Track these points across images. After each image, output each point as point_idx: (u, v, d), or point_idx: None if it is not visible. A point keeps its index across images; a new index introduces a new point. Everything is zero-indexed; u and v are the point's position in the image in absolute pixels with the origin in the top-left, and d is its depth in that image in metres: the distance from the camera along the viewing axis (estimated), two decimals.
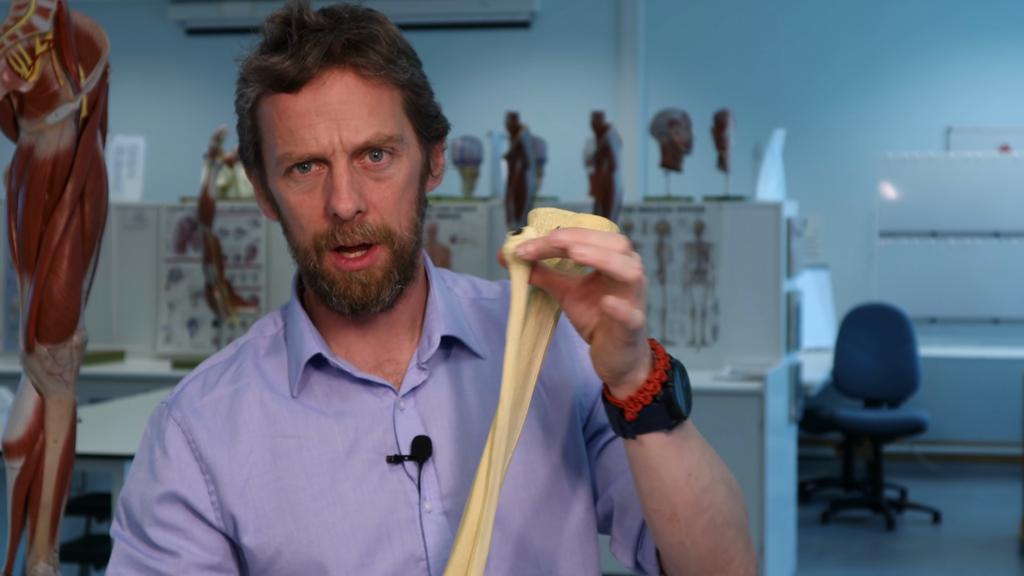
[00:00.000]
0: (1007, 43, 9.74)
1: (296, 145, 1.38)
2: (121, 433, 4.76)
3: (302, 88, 1.38)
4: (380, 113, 1.39)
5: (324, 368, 1.46)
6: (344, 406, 1.45)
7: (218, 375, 1.48)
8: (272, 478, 1.42)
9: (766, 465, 5.60)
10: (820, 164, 9.83)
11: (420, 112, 1.44)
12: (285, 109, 1.39)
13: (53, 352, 2.02)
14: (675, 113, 6.61)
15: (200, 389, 1.47)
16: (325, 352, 1.44)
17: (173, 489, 1.43)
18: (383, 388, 1.45)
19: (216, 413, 1.45)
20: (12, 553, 2.06)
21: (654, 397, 1.29)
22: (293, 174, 1.39)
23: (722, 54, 10.02)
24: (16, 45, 1.91)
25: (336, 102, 1.38)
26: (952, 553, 7.02)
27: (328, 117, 1.37)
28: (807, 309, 8.16)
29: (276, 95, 1.39)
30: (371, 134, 1.38)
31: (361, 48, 1.38)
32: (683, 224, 6.36)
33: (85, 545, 4.85)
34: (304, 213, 1.40)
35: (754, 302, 6.25)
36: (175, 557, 1.42)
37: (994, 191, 9.46)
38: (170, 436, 1.45)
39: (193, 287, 6.77)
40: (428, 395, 1.46)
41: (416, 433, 1.43)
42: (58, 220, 1.97)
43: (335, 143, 1.38)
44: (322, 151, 1.38)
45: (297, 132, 1.38)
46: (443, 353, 1.48)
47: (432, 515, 1.42)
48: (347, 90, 1.38)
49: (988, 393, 9.25)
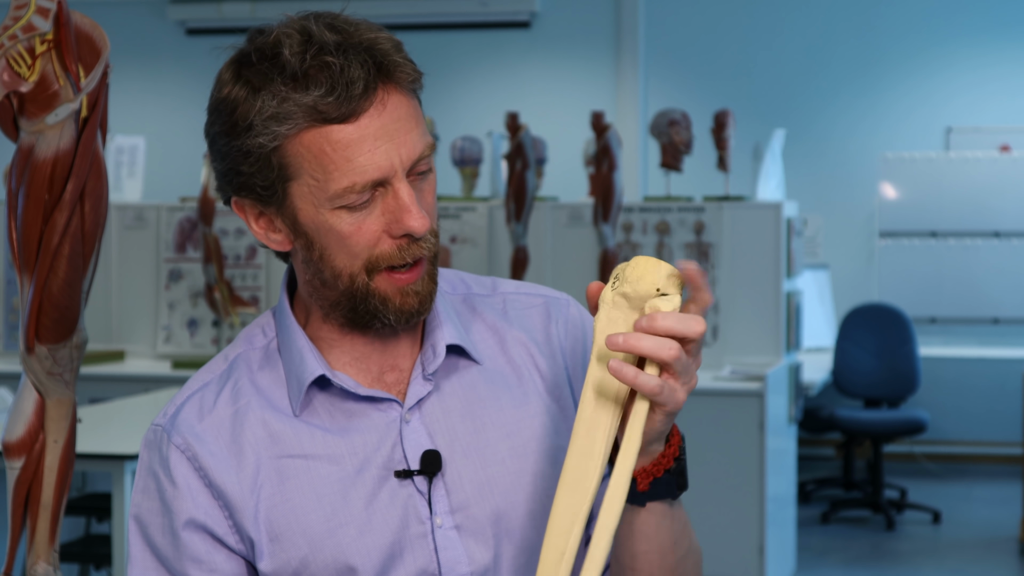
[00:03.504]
0: (1007, 43, 9.73)
1: (358, 175, 1.33)
2: (121, 433, 4.76)
3: (359, 117, 1.33)
4: (421, 123, 1.38)
5: (327, 388, 1.42)
6: (349, 423, 1.42)
7: (215, 395, 1.43)
8: (281, 499, 1.39)
9: (766, 465, 5.60)
10: (820, 164, 9.83)
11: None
12: (340, 141, 1.32)
13: (53, 352, 2.02)
14: (675, 113, 6.61)
15: (198, 412, 1.42)
16: (328, 373, 1.41)
17: (191, 517, 1.39)
18: (387, 402, 1.42)
19: (219, 437, 1.41)
20: (12, 553, 2.06)
21: (667, 470, 1.32)
22: (351, 204, 1.34)
23: (722, 54, 10.02)
24: (16, 45, 1.90)
25: (391, 121, 1.34)
26: (952, 553, 7.01)
27: (387, 139, 1.33)
28: (807, 309, 8.16)
29: (326, 128, 1.33)
30: (423, 146, 1.37)
31: (395, 61, 1.36)
32: (683, 224, 6.36)
33: (85, 545, 4.84)
34: (360, 240, 1.35)
35: (754, 302, 6.25)
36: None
37: (994, 191, 9.46)
38: (175, 464, 1.40)
39: (193, 287, 6.77)
40: (434, 406, 1.43)
41: (424, 447, 1.41)
42: (58, 220, 1.97)
43: (395, 163, 1.34)
44: (384, 175, 1.34)
45: (356, 161, 1.33)
46: (447, 363, 1.45)
47: (443, 530, 1.40)
48: (396, 107, 1.35)
49: (988, 393, 9.24)
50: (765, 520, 5.59)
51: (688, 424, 3.82)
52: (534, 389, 1.47)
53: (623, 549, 1.37)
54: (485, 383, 1.46)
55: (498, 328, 1.49)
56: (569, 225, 6.47)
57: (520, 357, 1.48)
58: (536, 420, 1.45)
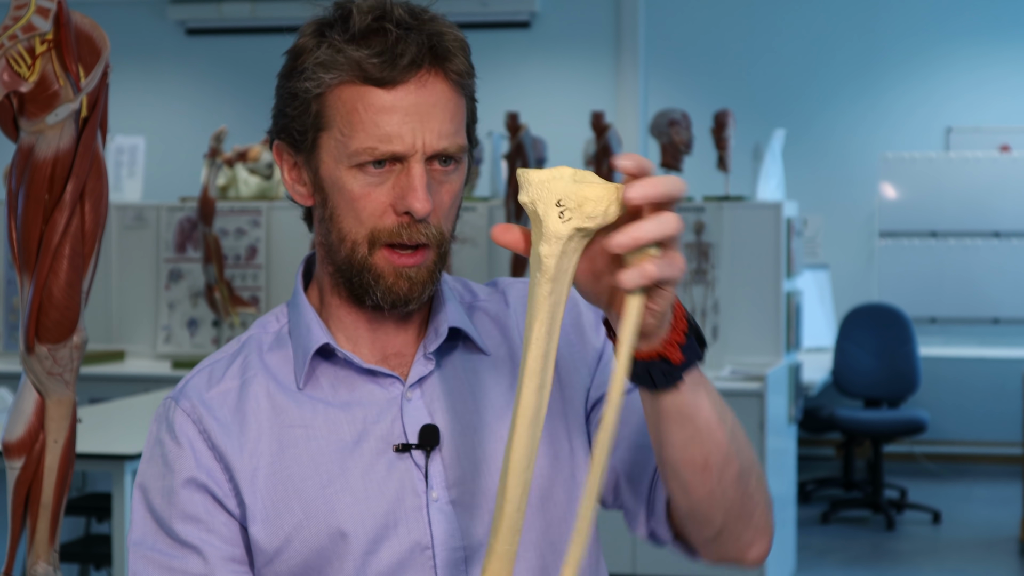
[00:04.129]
0: (1007, 43, 9.74)
1: (380, 141, 1.38)
2: (121, 433, 4.76)
3: (396, 86, 1.38)
4: (458, 121, 1.41)
5: (331, 359, 1.46)
6: (351, 396, 1.45)
7: (224, 369, 1.48)
8: (280, 467, 1.42)
9: (766, 465, 5.60)
10: (820, 164, 9.83)
11: (472, 120, 1.46)
12: (373, 103, 1.38)
13: (53, 352, 2.02)
14: (675, 113, 6.61)
15: (207, 382, 1.47)
16: (332, 343, 1.45)
17: (192, 475, 1.42)
18: (390, 379, 1.45)
19: (224, 405, 1.45)
20: (12, 553, 2.06)
21: (685, 333, 1.26)
22: (366, 168, 1.39)
23: (722, 54, 10.02)
24: (16, 45, 1.90)
25: (426, 104, 1.39)
26: (952, 553, 7.01)
27: (416, 118, 1.38)
28: (807, 309, 8.16)
29: (365, 87, 1.39)
30: (450, 141, 1.40)
31: (452, 52, 1.41)
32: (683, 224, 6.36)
33: (85, 545, 4.85)
34: (367, 206, 1.40)
35: (754, 302, 6.25)
36: (199, 554, 1.41)
37: (994, 191, 9.46)
38: (180, 426, 1.44)
39: (193, 287, 6.77)
40: (435, 385, 1.46)
41: (423, 422, 1.44)
42: (58, 220, 1.97)
43: (418, 145, 1.38)
44: (405, 151, 1.38)
45: (383, 128, 1.38)
46: (450, 346, 1.48)
47: (439, 504, 1.42)
48: (437, 93, 1.40)
49: (988, 393, 9.24)
50: None
51: None
52: None
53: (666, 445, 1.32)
54: (488, 369, 1.49)
55: (500, 318, 1.53)
56: None
57: (520, 340, 1.51)
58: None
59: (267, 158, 6.92)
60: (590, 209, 1.17)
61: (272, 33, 10.62)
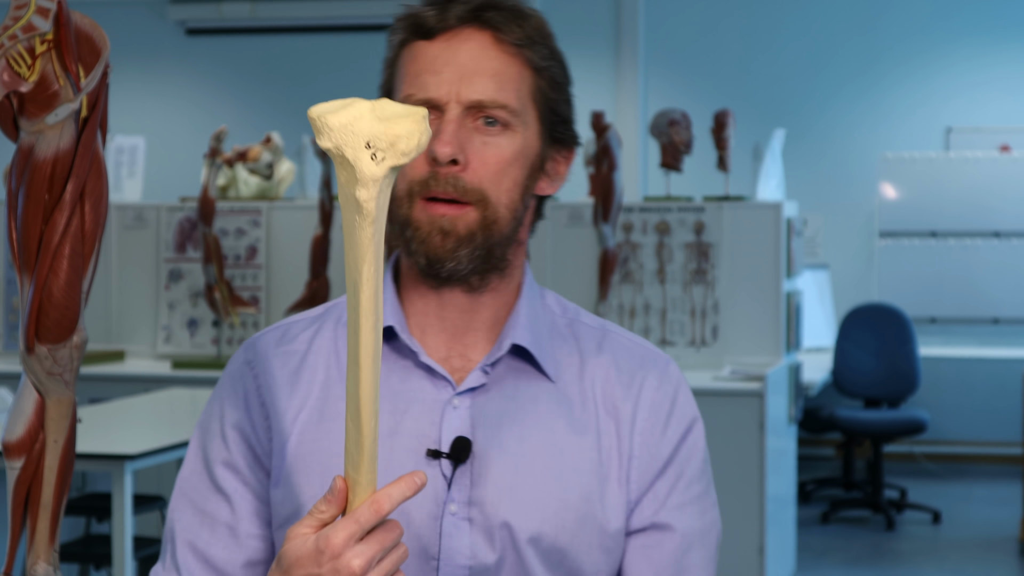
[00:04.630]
0: (1007, 43, 9.73)
1: (417, 88, 1.40)
2: (121, 433, 4.77)
3: (438, 36, 1.41)
4: (503, 80, 1.41)
5: (394, 343, 1.44)
6: (401, 387, 1.43)
7: (299, 331, 1.49)
8: (314, 436, 1.43)
9: (766, 465, 5.60)
10: (820, 164, 9.83)
11: (549, 106, 1.45)
12: (417, 55, 1.42)
13: (53, 352, 2.02)
14: (675, 113, 6.60)
15: (278, 340, 1.49)
16: (398, 327, 1.44)
17: (242, 426, 1.45)
18: (443, 380, 1.43)
19: (286, 366, 1.46)
20: (12, 553, 2.06)
21: None
22: None
23: (722, 54, 10.02)
24: (16, 45, 1.90)
25: (466, 56, 1.41)
26: (952, 553, 7.01)
27: (454, 68, 1.40)
28: (807, 309, 8.16)
29: (414, 43, 1.43)
30: (487, 96, 1.40)
31: (507, 15, 1.42)
32: (683, 224, 6.36)
33: (85, 545, 4.85)
34: None
35: (754, 302, 6.25)
36: (230, 503, 1.44)
37: (994, 191, 9.46)
38: (242, 377, 1.47)
39: (193, 287, 6.77)
40: (485, 399, 1.44)
41: (461, 433, 1.42)
42: (58, 220, 1.97)
43: (452, 93, 1.39)
44: (439, 98, 1.39)
45: (421, 76, 1.41)
46: (513, 364, 1.45)
47: (455, 518, 1.40)
48: (479, 48, 1.41)
49: (988, 393, 9.24)
50: (765, 520, 5.59)
51: None
52: (594, 423, 1.45)
53: None
54: (548, 400, 1.45)
55: (585, 356, 1.49)
56: (569, 225, 6.46)
57: (594, 388, 1.47)
58: (585, 453, 1.44)
59: (267, 158, 6.92)
60: (403, 146, 1.17)
61: (272, 33, 10.62)
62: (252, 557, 1.44)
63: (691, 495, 1.47)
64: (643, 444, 1.46)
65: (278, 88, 10.51)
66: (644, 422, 1.46)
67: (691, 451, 1.49)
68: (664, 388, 1.49)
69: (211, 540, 1.44)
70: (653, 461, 1.46)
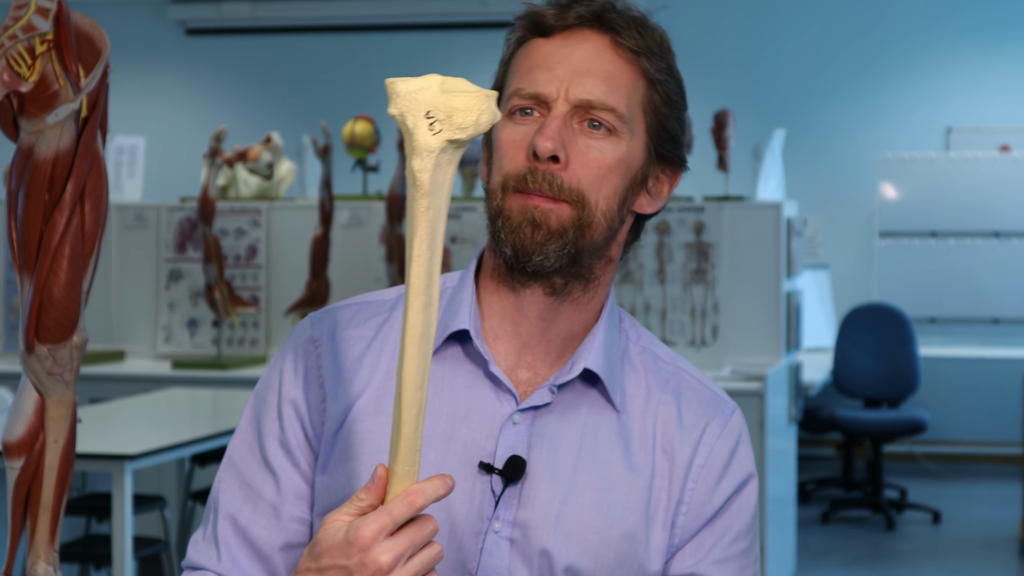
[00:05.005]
0: (1007, 43, 9.73)
1: (528, 83, 1.39)
2: (121, 433, 4.76)
3: (555, 34, 1.41)
4: (616, 85, 1.39)
5: (465, 345, 1.42)
6: (465, 393, 1.40)
7: (370, 315, 1.46)
8: (366, 428, 1.40)
9: (766, 465, 5.60)
10: (820, 164, 9.83)
11: (660, 121, 1.42)
12: (533, 51, 1.42)
13: (53, 352, 2.02)
14: None
15: (349, 320, 1.45)
16: (473, 331, 1.41)
17: (297, 404, 1.42)
18: (508, 394, 1.40)
19: (352, 349, 1.43)
20: (12, 553, 2.06)
21: None
22: (515, 116, 1.39)
23: (722, 54, 10.02)
24: (16, 45, 1.90)
25: (580, 56, 1.39)
26: (952, 553, 7.01)
27: (567, 66, 1.39)
28: (807, 309, 8.16)
29: (532, 40, 1.43)
30: (597, 97, 1.38)
31: (627, 23, 1.42)
32: (683, 224, 6.36)
33: (85, 545, 4.84)
34: (508, 152, 1.38)
35: (754, 302, 6.25)
36: (277, 481, 1.41)
37: (994, 191, 9.46)
38: (306, 352, 1.44)
39: (193, 287, 6.77)
40: (546, 420, 1.41)
41: (516, 452, 1.39)
42: (58, 220, 1.97)
43: (561, 90, 1.38)
44: (548, 94, 1.38)
45: (533, 71, 1.40)
46: (582, 388, 1.42)
47: (498, 536, 1.37)
48: (596, 50, 1.40)
49: (988, 393, 9.24)
50: (765, 520, 5.59)
51: None
52: (650, 462, 1.43)
53: None
54: (610, 431, 1.42)
55: (653, 390, 1.46)
56: None
57: (656, 425, 1.45)
58: (635, 491, 1.41)
59: (267, 158, 6.92)
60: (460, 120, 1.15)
61: (272, 33, 10.62)
62: (291, 540, 1.41)
63: (735, 551, 1.46)
64: (695, 491, 1.44)
65: (278, 88, 10.51)
66: (700, 468, 1.45)
67: (742, 506, 1.47)
68: (726, 438, 1.48)
69: (253, 517, 1.41)
70: (703, 510, 1.44)
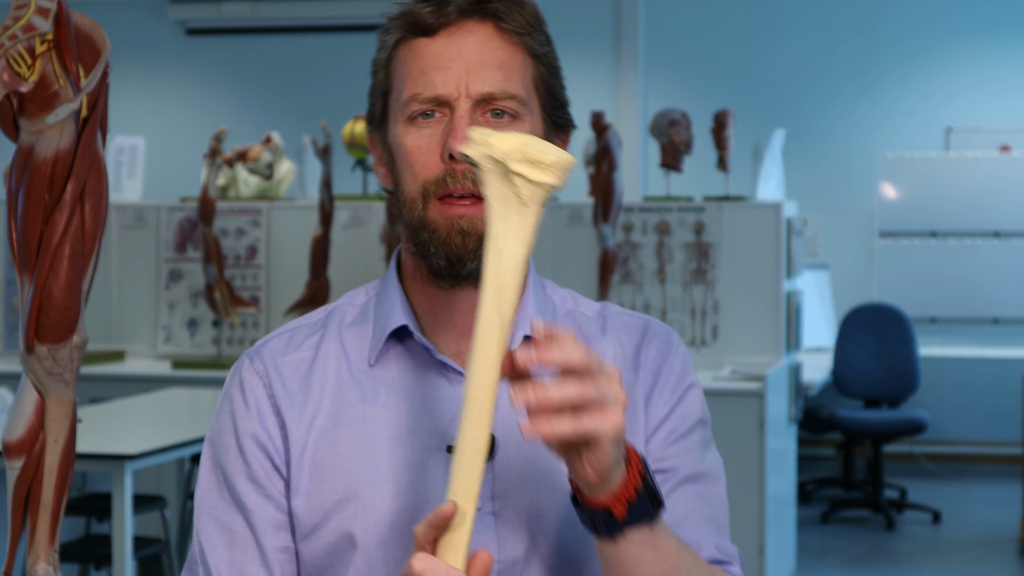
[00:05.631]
0: (1007, 43, 9.73)
1: (424, 87, 1.39)
2: (121, 433, 4.77)
3: (439, 32, 1.40)
4: (510, 71, 1.41)
5: (406, 342, 1.44)
6: (416, 385, 1.43)
7: (303, 337, 1.47)
8: (331, 442, 1.41)
9: (766, 465, 5.60)
10: (820, 164, 9.83)
11: (550, 92, 1.46)
12: (420, 52, 1.41)
13: (53, 352, 2.02)
14: (675, 113, 6.60)
15: (284, 347, 1.47)
16: (411, 325, 1.43)
17: (257, 437, 1.43)
18: (458, 376, 1.42)
19: (295, 373, 1.44)
20: (12, 553, 2.06)
21: (637, 491, 1.26)
22: (416, 121, 1.40)
23: (722, 54, 10.02)
24: (16, 45, 1.90)
25: (471, 49, 1.40)
26: (952, 553, 7.01)
27: (460, 62, 1.39)
28: (807, 309, 8.16)
29: (413, 40, 1.42)
30: (497, 88, 1.39)
31: (506, 4, 1.41)
32: (683, 224, 6.36)
33: (85, 545, 4.85)
34: (419, 159, 1.39)
35: (754, 302, 6.25)
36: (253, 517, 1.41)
37: (994, 191, 9.46)
38: (251, 387, 1.44)
39: (193, 287, 6.77)
40: (500, 391, 1.41)
41: None
42: (58, 220, 1.97)
43: (462, 89, 1.38)
44: (448, 94, 1.39)
45: (427, 74, 1.39)
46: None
47: (480, 514, 1.38)
48: (483, 40, 1.41)
49: (988, 393, 9.24)
50: (765, 520, 5.59)
51: None
52: None
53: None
54: None
55: (590, 341, 1.49)
56: (569, 225, 6.47)
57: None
58: None
59: (267, 158, 6.92)
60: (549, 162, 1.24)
61: (272, 33, 10.62)
62: (284, 571, 1.42)
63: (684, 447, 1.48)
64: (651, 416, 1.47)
65: (278, 88, 10.51)
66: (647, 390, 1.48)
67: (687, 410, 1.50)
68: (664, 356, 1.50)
69: (244, 560, 1.42)
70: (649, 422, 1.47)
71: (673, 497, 1.44)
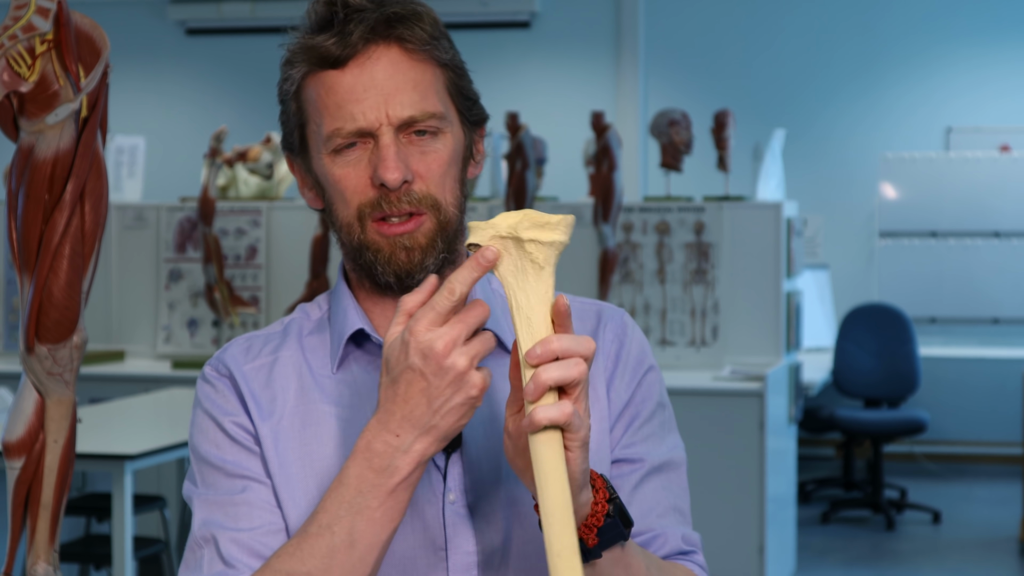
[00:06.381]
0: (1007, 43, 9.73)
1: (344, 121, 1.40)
2: (121, 433, 4.77)
3: (348, 63, 1.40)
4: (425, 89, 1.42)
5: (365, 346, 1.47)
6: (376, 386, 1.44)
7: (262, 345, 1.49)
8: (299, 443, 1.43)
9: (766, 465, 5.60)
10: (820, 164, 9.83)
11: (462, 94, 1.46)
12: (332, 86, 1.41)
13: (53, 352, 2.02)
14: (675, 113, 6.60)
15: (244, 353, 1.49)
16: (367, 328, 1.45)
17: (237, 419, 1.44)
18: None
19: (256, 379, 1.46)
20: (12, 553, 2.06)
21: (607, 516, 1.28)
22: (342, 151, 1.41)
23: (722, 54, 10.02)
24: (16, 45, 1.90)
25: (382, 76, 1.40)
26: (952, 553, 7.01)
27: (375, 91, 1.40)
28: (807, 309, 8.16)
29: (322, 73, 1.41)
30: (417, 110, 1.41)
31: (406, 23, 1.41)
32: (683, 224, 6.36)
33: (85, 545, 4.85)
34: (349, 186, 1.41)
35: (754, 302, 6.25)
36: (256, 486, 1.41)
37: (994, 191, 9.46)
38: (219, 387, 1.46)
39: (193, 287, 6.77)
40: None
41: None
42: (58, 220, 1.97)
43: (382, 118, 1.40)
44: (369, 126, 1.40)
45: (345, 107, 1.40)
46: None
47: (455, 507, 1.40)
48: (392, 64, 1.41)
49: (988, 393, 9.24)
50: (765, 520, 5.59)
51: (688, 424, 3.82)
52: None
53: None
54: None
55: None
56: None
57: None
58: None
59: (267, 158, 6.92)
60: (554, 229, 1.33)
61: (272, 33, 10.62)
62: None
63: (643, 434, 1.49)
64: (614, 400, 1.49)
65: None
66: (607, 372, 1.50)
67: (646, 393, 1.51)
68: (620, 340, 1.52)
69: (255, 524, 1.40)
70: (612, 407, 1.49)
71: (640, 489, 1.46)
